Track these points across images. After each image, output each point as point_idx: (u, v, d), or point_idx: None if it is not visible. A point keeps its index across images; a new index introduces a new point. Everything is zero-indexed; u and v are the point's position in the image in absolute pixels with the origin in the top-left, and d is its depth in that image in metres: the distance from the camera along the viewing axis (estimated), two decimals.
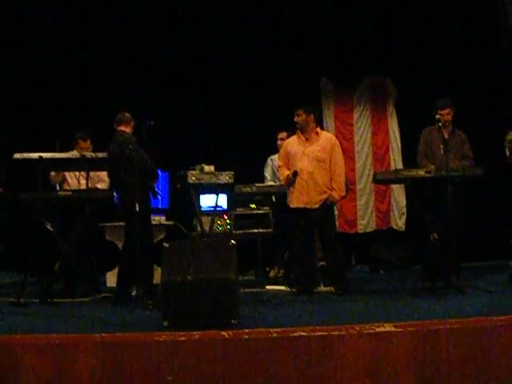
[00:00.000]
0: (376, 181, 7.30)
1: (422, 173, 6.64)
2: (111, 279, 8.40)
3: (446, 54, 10.17)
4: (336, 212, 9.64)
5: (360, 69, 10.63)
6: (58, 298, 6.88)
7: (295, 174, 7.25)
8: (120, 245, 8.19)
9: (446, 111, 7.33)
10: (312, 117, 7.42)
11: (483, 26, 9.85)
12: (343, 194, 7.53)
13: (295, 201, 7.32)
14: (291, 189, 7.38)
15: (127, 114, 7.26)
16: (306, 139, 7.38)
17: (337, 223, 10.00)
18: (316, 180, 7.23)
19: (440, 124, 6.90)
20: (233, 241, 5.11)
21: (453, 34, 10.11)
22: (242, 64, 10.19)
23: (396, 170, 7.52)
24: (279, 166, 7.67)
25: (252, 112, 10.11)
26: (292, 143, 7.50)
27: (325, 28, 10.28)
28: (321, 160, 7.27)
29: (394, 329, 4.47)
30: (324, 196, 7.23)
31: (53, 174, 7.82)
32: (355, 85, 10.92)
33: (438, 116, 7.13)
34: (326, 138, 7.52)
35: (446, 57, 10.17)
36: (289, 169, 7.40)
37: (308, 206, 7.22)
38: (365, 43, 10.31)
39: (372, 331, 4.46)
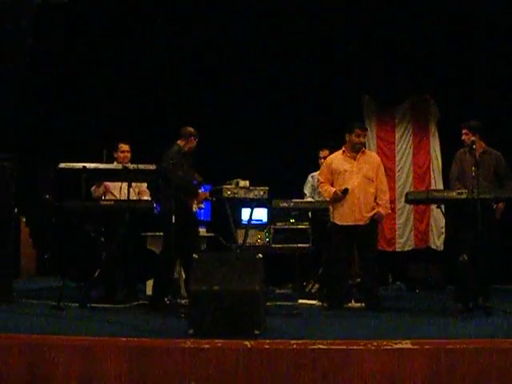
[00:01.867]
0: (408, 201, 7.39)
1: (453, 194, 6.70)
2: (151, 287, 8.65)
3: (489, 74, 10.19)
4: None
5: (403, 87, 10.69)
6: (96, 304, 7.12)
7: (346, 191, 7.33)
8: None
9: (463, 131, 7.38)
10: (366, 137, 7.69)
11: None
12: (389, 210, 7.69)
13: (344, 218, 7.39)
14: (337, 206, 7.45)
15: (189, 129, 7.50)
16: (354, 158, 7.52)
17: None
18: (366, 197, 7.37)
19: (472, 145, 6.99)
20: (260, 254, 5.29)
21: (497, 53, 10.13)
22: (286, 81, 10.37)
23: (428, 191, 7.58)
24: (321, 182, 7.71)
25: (293, 129, 10.29)
26: (337, 160, 7.60)
27: (368, 46, 10.40)
28: (369, 178, 7.43)
29: (411, 346, 4.58)
30: (373, 212, 7.37)
31: (93, 188, 8.04)
32: (398, 104, 10.97)
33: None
34: (372, 156, 7.74)
35: (489, 77, 10.19)
36: (332, 185, 7.52)
37: (360, 223, 7.34)
38: (408, 62, 10.39)
39: (390, 347, 4.57)
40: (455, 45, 10.25)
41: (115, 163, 7.99)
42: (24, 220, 11.32)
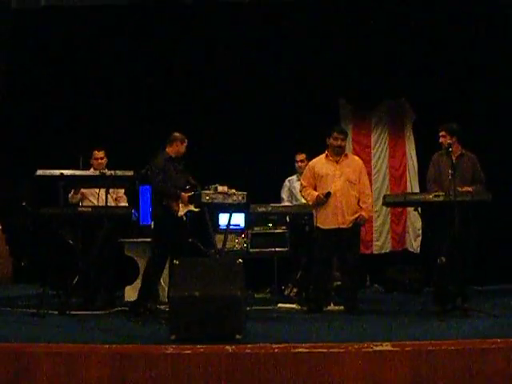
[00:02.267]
0: (386, 204, 7.46)
1: (430, 197, 6.77)
2: (129, 294, 8.64)
3: (464, 76, 10.31)
4: None
5: (378, 92, 10.76)
6: (76, 311, 7.08)
7: (328, 194, 7.36)
8: (139, 260, 8.52)
9: (441, 133, 7.44)
10: (346, 140, 7.74)
11: (506, 48, 10.00)
12: (371, 214, 7.76)
13: (327, 222, 7.41)
14: (320, 210, 7.47)
15: (174, 134, 7.56)
16: (337, 161, 7.57)
17: None
18: (349, 201, 7.40)
19: (448, 148, 7.07)
20: (240, 259, 5.32)
21: (472, 56, 10.26)
22: (261, 86, 10.39)
23: (405, 194, 7.67)
24: (304, 187, 7.69)
25: (269, 133, 10.31)
26: (320, 164, 7.62)
27: (343, 50, 10.46)
28: (352, 181, 7.46)
29: (391, 348, 4.63)
30: (356, 216, 7.39)
31: (70, 194, 8.04)
32: (373, 107, 11.05)
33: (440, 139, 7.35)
34: (355, 160, 7.75)
35: (464, 80, 10.31)
36: (315, 189, 7.55)
37: (342, 227, 7.37)
38: (383, 66, 10.44)
39: (370, 349, 4.62)
40: (429, 48, 10.35)
41: (92, 170, 7.98)
42: (0, 227, 11.23)
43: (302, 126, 10.06)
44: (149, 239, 8.02)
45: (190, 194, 7.30)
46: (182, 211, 7.23)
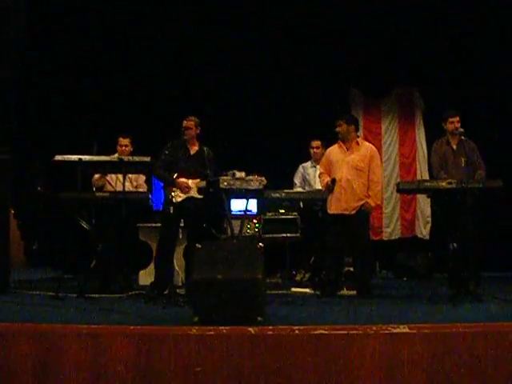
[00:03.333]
0: (399, 190, 7.55)
1: (443, 184, 6.86)
2: (144, 278, 8.78)
3: (472, 65, 10.39)
4: None
5: (388, 80, 10.87)
6: (93, 294, 7.19)
7: (334, 181, 7.55)
8: (152, 245, 8.63)
9: (457, 119, 7.56)
10: (353, 127, 7.77)
11: None
12: (379, 202, 7.87)
13: (333, 207, 7.61)
14: (330, 195, 7.66)
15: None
16: (347, 148, 7.68)
17: None
18: (354, 187, 7.51)
19: (460, 131, 7.15)
20: (261, 244, 5.43)
21: (480, 44, 10.33)
22: (275, 75, 10.50)
23: (418, 181, 7.76)
24: (320, 173, 7.91)
25: (284, 122, 10.42)
26: (334, 152, 7.79)
27: (354, 39, 10.57)
28: (359, 169, 7.57)
29: (408, 330, 4.74)
30: (361, 203, 7.51)
31: (96, 176, 8.11)
32: (384, 95, 11.15)
33: (449, 126, 7.43)
34: (366, 147, 7.82)
35: (472, 68, 10.38)
36: (329, 176, 7.70)
37: (345, 213, 7.51)
38: (394, 54, 10.56)
39: (388, 332, 4.74)
40: (439, 36, 10.42)
41: (116, 156, 8.06)
42: (12, 212, 11.33)
43: (315, 115, 10.15)
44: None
45: (195, 181, 7.35)
46: (180, 197, 7.27)
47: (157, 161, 7.40)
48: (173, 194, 6.94)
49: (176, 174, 7.21)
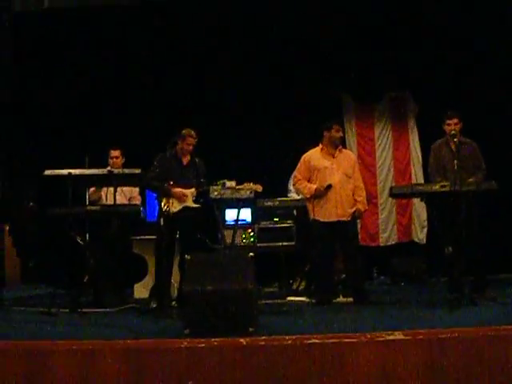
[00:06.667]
0: (392, 195, 7.47)
1: (437, 187, 6.78)
2: (139, 291, 8.71)
3: (466, 68, 10.34)
4: (359, 226, 9.89)
5: (380, 84, 10.82)
6: (86, 309, 7.11)
7: (329, 187, 7.44)
8: (147, 258, 8.56)
9: (454, 121, 7.47)
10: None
11: (509, 39, 10.04)
12: (367, 207, 7.82)
13: (327, 214, 7.49)
14: (319, 202, 7.52)
15: (183, 131, 7.53)
16: (332, 155, 7.62)
17: (359, 236, 10.23)
18: (346, 194, 7.49)
19: (452, 134, 7.10)
20: (251, 253, 5.36)
21: (472, 47, 10.29)
22: (266, 80, 10.46)
23: (412, 185, 7.69)
24: (298, 180, 7.74)
25: (275, 128, 10.37)
26: (315, 157, 7.68)
27: (346, 44, 10.52)
28: (348, 175, 7.56)
29: (403, 337, 4.66)
30: (353, 209, 7.50)
31: (92, 190, 8.01)
32: (376, 100, 11.10)
33: (446, 127, 7.37)
34: (349, 154, 7.90)
35: (466, 71, 10.34)
36: (309, 182, 7.60)
37: (342, 219, 7.46)
38: (385, 59, 10.50)
39: (382, 339, 4.66)
40: (431, 40, 10.39)
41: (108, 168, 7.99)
42: (7, 228, 11.27)
43: (307, 121, 10.09)
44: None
45: (191, 190, 7.28)
46: (175, 207, 7.23)
47: (149, 172, 7.34)
48: (168, 204, 6.89)
49: (172, 182, 7.19)
